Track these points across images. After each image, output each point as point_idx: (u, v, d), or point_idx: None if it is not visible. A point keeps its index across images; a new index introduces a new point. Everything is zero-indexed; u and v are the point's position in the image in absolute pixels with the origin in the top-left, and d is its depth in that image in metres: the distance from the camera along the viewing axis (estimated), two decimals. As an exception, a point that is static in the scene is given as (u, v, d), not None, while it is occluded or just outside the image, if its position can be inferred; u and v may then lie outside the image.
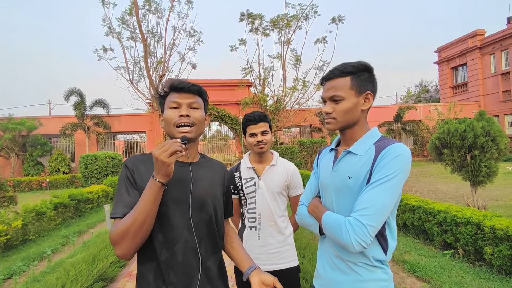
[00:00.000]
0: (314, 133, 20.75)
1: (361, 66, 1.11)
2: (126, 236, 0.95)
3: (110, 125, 19.42)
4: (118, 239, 0.96)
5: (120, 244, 0.96)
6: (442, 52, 28.45)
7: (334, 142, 1.27)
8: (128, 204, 1.01)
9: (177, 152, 0.94)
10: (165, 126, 1.12)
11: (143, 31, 17.39)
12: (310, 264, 3.27)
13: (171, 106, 1.11)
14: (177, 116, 1.09)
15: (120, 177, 1.07)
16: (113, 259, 3.86)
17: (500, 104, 23.18)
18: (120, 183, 1.06)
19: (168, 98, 1.14)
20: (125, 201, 1.02)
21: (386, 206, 1.00)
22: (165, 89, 1.14)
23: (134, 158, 1.12)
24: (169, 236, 1.05)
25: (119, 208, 1.01)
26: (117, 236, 0.96)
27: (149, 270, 1.04)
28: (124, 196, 1.03)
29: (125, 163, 1.09)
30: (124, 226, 0.95)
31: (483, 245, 3.49)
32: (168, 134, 1.12)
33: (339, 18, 17.41)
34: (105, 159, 12.77)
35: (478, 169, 5.45)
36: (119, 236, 0.95)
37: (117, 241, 0.96)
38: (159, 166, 0.94)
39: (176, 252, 1.05)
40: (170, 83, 1.13)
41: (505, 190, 8.44)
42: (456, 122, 5.83)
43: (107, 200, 9.10)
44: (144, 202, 0.96)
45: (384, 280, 1.09)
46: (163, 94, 1.16)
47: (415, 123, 20.41)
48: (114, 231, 0.97)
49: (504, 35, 22.75)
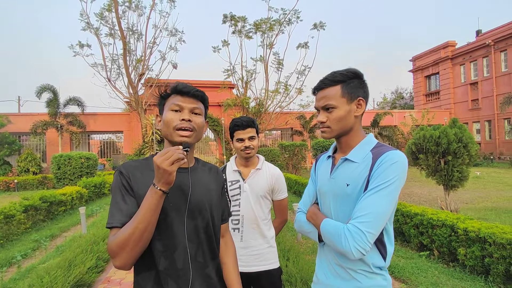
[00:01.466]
0: (295, 136, 21.01)
1: (350, 74, 1.13)
2: (126, 246, 0.91)
3: (85, 124, 18.68)
4: (118, 250, 0.91)
5: (119, 254, 0.91)
6: (416, 61, 29.76)
7: (331, 149, 1.28)
8: (125, 213, 0.97)
9: (179, 160, 0.92)
10: (164, 128, 1.09)
11: (122, 28, 16.92)
12: (294, 267, 3.29)
13: (172, 108, 1.08)
14: (178, 120, 1.06)
15: (114, 184, 1.03)
16: (91, 265, 3.70)
17: (469, 112, 24.55)
18: (115, 190, 1.01)
19: (170, 100, 1.11)
20: (122, 210, 0.98)
21: (384, 213, 1.01)
22: (168, 90, 1.12)
23: (128, 164, 1.07)
24: (168, 244, 1.02)
25: (116, 217, 0.96)
26: (117, 247, 0.91)
27: (147, 280, 1.01)
28: (120, 205, 0.98)
29: (119, 170, 1.04)
30: (124, 235, 0.91)
31: (457, 246, 3.67)
32: (165, 136, 1.10)
33: (321, 24, 17.79)
34: (80, 159, 12.24)
35: (451, 174, 5.73)
36: (119, 246, 0.91)
37: (117, 251, 0.91)
38: (161, 174, 0.91)
39: (176, 260, 1.02)
40: (174, 85, 1.11)
41: (474, 193, 8.93)
42: (431, 129, 6.10)
43: (82, 202, 8.73)
44: (144, 211, 0.92)
45: (383, 286, 1.10)
46: (164, 95, 1.13)
47: (391, 128, 21.17)
48: (113, 241, 0.93)
49: (473, 47, 24.16)
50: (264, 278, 1.81)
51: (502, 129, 22.33)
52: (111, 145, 21.62)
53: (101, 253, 4.19)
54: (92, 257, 3.90)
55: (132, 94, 17.43)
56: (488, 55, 22.89)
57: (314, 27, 17.85)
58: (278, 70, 18.40)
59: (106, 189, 10.70)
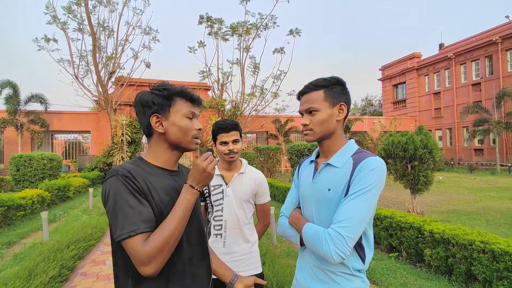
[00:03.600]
0: (270, 139, 21.18)
1: (333, 80, 1.18)
2: (165, 248, 0.89)
3: (48, 123, 17.63)
4: (157, 253, 0.88)
5: (157, 259, 0.88)
6: (385, 70, 31.26)
7: (314, 154, 1.31)
8: (148, 217, 0.92)
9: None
10: (179, 134, 1.05)
11: (92, 24, 16.18)
12: (270, 270, 3.28)
13: (188, 116, 1.07)
14: (194, 129, 1.08)
15: (122, 189, 0.92)
16: (53, 274, 3.45)
17: (432, 119, 26.15)
18: (125, 195, 0.92)
19: (180, 104, 1.07)
20: (143, 213, 0.92)
21: (364, 218, 1.05)
22: (175, 94, 1.07)
23: (129, 167, 0.98)
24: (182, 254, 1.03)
25: (139, 222, 0.89)
26: (157, 250, 0.88)
27: (149, 286, 0.97)
28: (139, 208, 0.92)
29: (123, 174, 0.95)
30: (164, 238, 0.89)
31: (423, 247, 3.85)
32: (179, 141, 1.06)
33: (296, 30, 18.17)
34: (42, 160, 11.47)
35: (417, 178, 6.04)
36: (159, 249, 0.88)
37: (155, 255, 0.87)
38: (204, 177, 0.99)
39: (176, 264, 1.01)
40: (184, 90, 1.09)
41: (437, 197, 9.48)
42: (399, 135, 6.41)
43: (44, 206, 8.16)
44: (184, 211, 0.95)
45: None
46: (167, 94, 1.06)
47: (362, 134, 21.97)
48: (152, 246, 0.87)
49: (436, 59, 25.84)
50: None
51: (461, 137, 24.01)
52: (77, 145, 20.52)
53: (65, 261, 3.92)
54: (55, 266, 3.64)
55: (101, 93, 16.66)
56: (450, 67, 24.57)
57: (290, 33, 18.18)
58: (255, 73, 18.51)
59: (71, 192, 10.10)
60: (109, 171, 0.99)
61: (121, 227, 0.89)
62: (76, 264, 4.18)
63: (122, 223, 0.89)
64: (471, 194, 10.01)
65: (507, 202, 8.52)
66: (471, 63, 23.28)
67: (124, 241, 0.88)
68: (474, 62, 23.20)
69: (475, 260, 3.16)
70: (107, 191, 0.93)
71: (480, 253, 3.13)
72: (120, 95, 17.28)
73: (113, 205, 0.91)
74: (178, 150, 1.09)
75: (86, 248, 4.80)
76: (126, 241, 0.88)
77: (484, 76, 22.31)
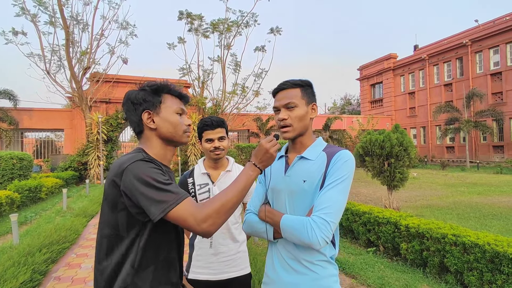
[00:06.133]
0: (252, 138, 21.18)
1: (307, 81, 1.28)
2: (221, 211, 0.94)
3: (17, 121, 16.72)
4: (215, 214, 0.93)
5: (214, 219, 0.93)
6: (363, 70, 32.08)
7: (283, 149, 1.37)
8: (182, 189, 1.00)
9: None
10: (170, 128, 1.10)
11: (65, 17, 15.45)
12: (252, 269, 3.27)
13: (178, 112, 1.13)
14: (184, 124, 1.14)
15: (152, 169, 0.97)
16: (24, 279, 3.27)
17: (407, 118, 27.14)
18: (157, 173, 0.96)
19: (170, 101, 1.12)
20: (179, 187, 0.99)
21: (343, 204, 1.13)
22: (164, 90, 1.11)
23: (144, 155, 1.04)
24: (181, 250, 1.13)
25: (181, 192, 0.96)
26: (214, 211, 0.93)
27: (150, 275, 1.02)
28: (173, 183, 0.99)
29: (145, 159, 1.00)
30: (221, 202, 0.95)
31: (400, 241, 3.99)
32: (171, 135, 1.11)
33: (277, 29, 18.24)
34: (11, 160, 10.86)
35: (394, 175, 6.24)
36: (216, 211, 0.93)
37: (213, 216, 0.93)
38: (267, 157, 1.07)
39: (178, 268, 1.11)
40: (173, 87, 1.13)
41: (412, 193, 9.86)
42: (376, 133, 6.59)
43: (13, 208, 7.71)
44: (244, 184, 1.01)
45: (335, 275, 1.20)
46: (156, 87, 1.10)
47: (341, 132, 22.46)
48: (209, 207, 0.93)
49: (411, 60, 26.82)
50: (236, 285, 1.75)
51: (434, 135, 25.10)
52: (49, 144, 19.55)
53: (37, 265, 3.73)
54: (26, 270, 3.46)
55: (75, 89, 15.98)
56: (424, 68, 25.59)
57: (271, 32, 18.22)
58: (236, 71, 18.42)
59: (43, 193, 9.63)
60: (124, 160, 0.99)
61: (165, 199, 0.91)
62: (49, 268, 3.99)
63: (165, 194, 0.92)
64: (443, 190, 10.50)
65: (476, 197, 9.00)
66: (443, 64, 24.37)
67: (174, 209, 0.91)
68: (446, 63, 24.30)
69: (447, 252, 3.30)
70: (135, 173, 0.93)
71: (452, 245, 3.28)
72: (96, 92, 16.65)
73: (149, 183, 0.93)
74: (171, 144, 1.13)
75: (60, 251, 4.60)
76: (177, 208, 0.91)
77: (455, 77, 23.43)
